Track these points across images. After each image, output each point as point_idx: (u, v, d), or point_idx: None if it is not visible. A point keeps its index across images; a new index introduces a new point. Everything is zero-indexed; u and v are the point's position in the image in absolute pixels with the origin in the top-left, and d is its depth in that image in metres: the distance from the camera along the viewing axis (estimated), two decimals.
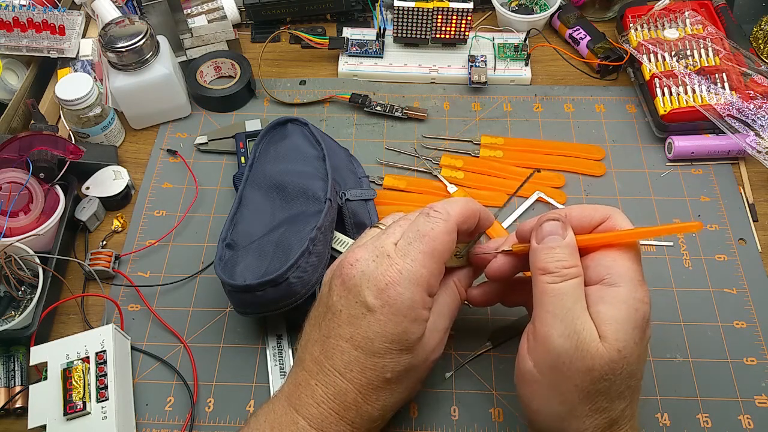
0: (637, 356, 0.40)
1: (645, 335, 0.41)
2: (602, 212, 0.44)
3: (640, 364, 0.41)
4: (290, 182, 0.59)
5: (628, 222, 0.43)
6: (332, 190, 0.57)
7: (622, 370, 0.39)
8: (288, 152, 0.62)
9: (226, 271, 0.54)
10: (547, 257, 0.42)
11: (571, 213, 0.45)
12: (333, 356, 0.43)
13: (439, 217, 0.44)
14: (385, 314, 0.41)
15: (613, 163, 0.69)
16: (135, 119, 0.73)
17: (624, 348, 0.39)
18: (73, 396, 0.49)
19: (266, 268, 0.53)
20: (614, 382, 0.39)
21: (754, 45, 0.76)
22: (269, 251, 0.54)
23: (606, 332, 0.39)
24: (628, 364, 0.39)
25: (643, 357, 0.41)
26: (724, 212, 0.65)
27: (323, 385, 0.43)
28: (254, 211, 0.59)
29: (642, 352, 0.41)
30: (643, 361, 0.41)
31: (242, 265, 0.54)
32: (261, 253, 0.55)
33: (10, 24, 0.71)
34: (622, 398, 0.40)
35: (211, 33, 0.78)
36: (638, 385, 0.42)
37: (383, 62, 0.78)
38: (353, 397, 0.43)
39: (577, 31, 0.79)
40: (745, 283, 0.60)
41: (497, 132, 0.72)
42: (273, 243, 0.54)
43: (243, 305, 0.55)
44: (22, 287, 0.58)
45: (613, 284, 0.40)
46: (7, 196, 0.59)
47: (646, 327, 0.41)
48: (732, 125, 0.65)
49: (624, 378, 0.39)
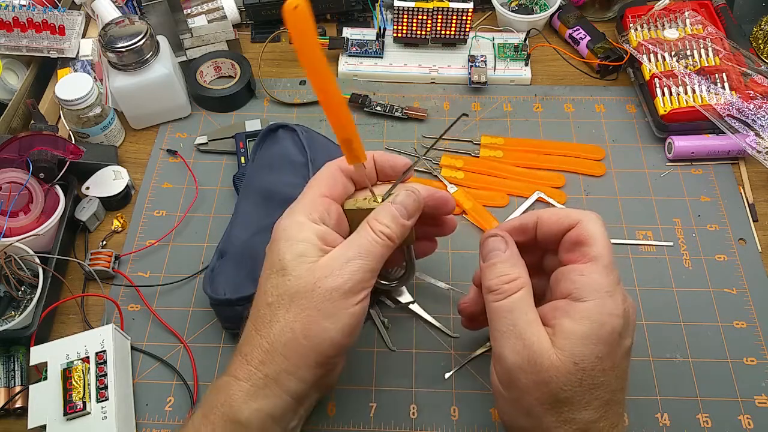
0: (604, 369, 0.39)
1: (617, 347, 0.40)
2: (574, 217, 0.44)
3: (609, 376, 0.40)
4: (277, 190, 0.59)
5: (600, 226, 0.43)
6: None
7: (581, 382, 0.39)
8: (277, 160, 0.62)
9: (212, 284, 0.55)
10: (490, 274, 0.43)
11: (542, 217, 0.45)
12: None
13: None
14: (270, 245, 0.44)
15: (613, 163, 0.69)
16: (135, 119, 0.73)
17: (582, 361, 0.39)
18: (73, 396, 0.49)
19: (243, 281, 0.54)
20: (576, 393, 0.39)
21: (754, 45, 0.76)
22: (247, 260, 0.55)
23: (564, 345, 0.39)
24: (589, 376, 0.39)
25: (616, 369, 0.40)
26: (724, 212, 0.65)
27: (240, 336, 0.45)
28: (242, 219, 0.60)
29: (613, 365, 0.40)
30: (617, 374, 0.40)
31: (223, 276, 0.55)
32: (239, 263, 0.56)
33: (10, 24, 0.71)
34: (590, 409, 0.40)
35: (211, 33, 0.78)
36: (615, 399, 0.40)
37: (383, 62, 0.78)
38: (248, 328, 0.44)
39: (577, 31, 0.79)
40: (745, 283, 0.60)
41: (497, 132, 0.72)
42: (252, 251, 0.55)
43: (225, 319, 0.56)
44: (22, 287, 0.58)
45: (579, 299, 0.40)
46: (7, 196, 0.59)
47: (619, 339, 0.40)
48: (732, 125, 0.65)
49: (587, 389, 0.39)
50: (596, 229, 0.42)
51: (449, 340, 0.57)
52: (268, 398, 0.42)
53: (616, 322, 0.39)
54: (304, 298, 0.41)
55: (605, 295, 0.40)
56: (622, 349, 0.40)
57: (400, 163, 0.48)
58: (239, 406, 0.41)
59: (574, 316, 0.40)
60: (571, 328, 0.39)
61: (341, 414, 0.54)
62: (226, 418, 0.41)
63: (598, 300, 0.40)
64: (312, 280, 0.41)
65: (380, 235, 0.42)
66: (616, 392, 0.41)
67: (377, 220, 0.43)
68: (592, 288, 0.40)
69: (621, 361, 0.40)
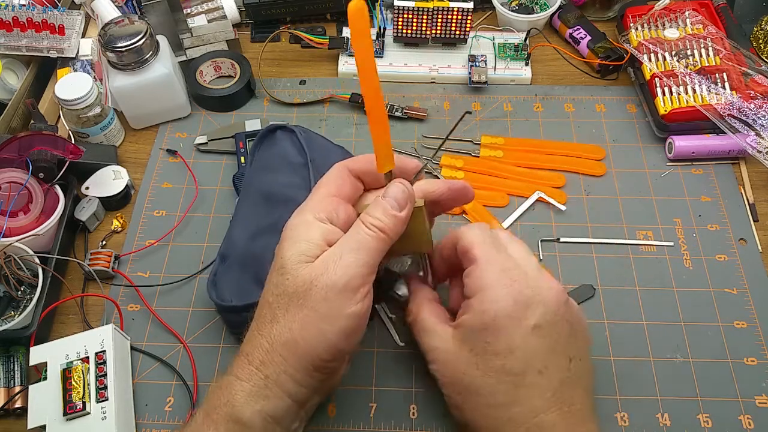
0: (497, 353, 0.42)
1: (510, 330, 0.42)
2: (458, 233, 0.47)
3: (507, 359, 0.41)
4: (276, 191, 0.59)
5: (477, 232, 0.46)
6: None
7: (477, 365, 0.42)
8: (276, 161, 0.62)
9: (216, 289, 0.55)
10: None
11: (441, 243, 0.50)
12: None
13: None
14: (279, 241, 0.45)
15: (613, 163, 0.69)
16: (135, 119, 0.73)
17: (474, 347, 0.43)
18: (72, 396, 0.49)
19: (249, 286, 0.54)
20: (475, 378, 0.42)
21: (755, 45, 0.76)
22: (251, 264, 0.55)
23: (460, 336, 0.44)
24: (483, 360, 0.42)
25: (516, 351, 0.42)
26: (724, 212, 0.65)
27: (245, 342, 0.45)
28: (242, 221, 0.59)
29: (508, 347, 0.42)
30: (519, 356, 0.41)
31: (227, 280, 0.55)
32: (243, 266, 0.55)
33: (10, 24, 0.71)
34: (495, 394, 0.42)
35: (211, 33, 0.78)
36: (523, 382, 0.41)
37: (383, 62, 0.78)
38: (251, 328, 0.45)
39: (577, 31, 0.79)
40: (745, 283, 0.60)
41: (497, 132, 0.72)
42: (255, 255, 0.55)
43: (232, 325, 0.56)
44: (22, 287, 0.58)
45: (469, 296, 0.44)
46: (7, 196, 0.59)
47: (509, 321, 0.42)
48: (732, 125, 0.65)
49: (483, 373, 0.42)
50: (472, 236, 0.46)
51: None
52: (269, 399, 0.42)
53: (497, 306, 0.42)
54: (301, 297, 0.41)
55: (485, 286, 0.43)
56: (522, 330, 0.42)
57: (410, 166, 0.48)
58: (241, 406, 0.41)
59: (466, 311, 0.44)
60: (463, 320, 0.44)
61: (341, 414, 0.54)
62: (228, 418, 0.41)
63: (479, 293, 0.43)
64: (309, 278, 0.41)
65: (372, 228, 0.43)
66: (525, 375, 0.41)
67: (368, 214, 0.43)
68: (475, 284, 0.44)
69: (524, 342, 0.42)
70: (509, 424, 0.41)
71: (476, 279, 0.44)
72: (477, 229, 0.46)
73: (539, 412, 0.41)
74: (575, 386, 0.43)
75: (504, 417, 0.41)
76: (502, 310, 0.42)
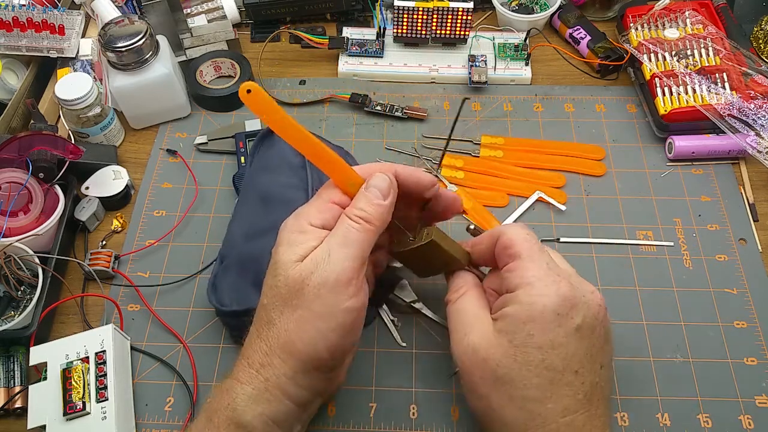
0: (540, 347, 0.41)
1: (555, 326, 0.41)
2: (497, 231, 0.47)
3: (548, 354, 0.41)
4: (274, 193, 0.59)
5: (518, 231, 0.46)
6: None
7: (515, 358, 0.41)
8: (274, 162, 0.62)
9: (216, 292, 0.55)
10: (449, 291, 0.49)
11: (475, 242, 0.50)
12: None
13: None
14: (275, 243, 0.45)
15: (613, 163, 0.69)
16: (135, 119, 0.73)
17: (515, 338, 0.42)
18: (72, 396, 0.49)
19: (247, 290, 0.53)
20: (513, 369, 0.41)
21: (755, 45, 0.76)
22: (250, 267, 0.55)
23: (501, 327, 0.43)
24: (523, 353, 0.41)
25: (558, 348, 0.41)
26: (724, 212, 0.65)
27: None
28: (241, 222, 0.59)
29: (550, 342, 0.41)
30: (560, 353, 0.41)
31: (227, 284, 0.55)
32: (242, 269, 0.55)
33: (10, 24, 0.71)
34: (531, 388, 0.41)
35: (211, 33, 0.78)
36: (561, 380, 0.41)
37: (383, 62, 0.78)
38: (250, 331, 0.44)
39: (577, 31, 0.79)
40: (745, 283, 0.60)
41: (497, 132, 0.72)
42: (252, 257, 0.55)
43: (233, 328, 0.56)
44: (22, 287, 0.58)
45: (513, 289, 0.44)
46: (7, 196, 0.59)
47: (555, 317, 0.41)
48: (732, 125, 0.65)
49: (522, 365, 0.41)
50: (515, 232, 0.46)
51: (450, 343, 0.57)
52: (270, 403, 0.42)
53: (546, 300, 0.42)
54: (294, 297, 0.41)
55: (533, 279, 0.43)
56: (565, 328, 0.41)
57: (425, 180, 0.48)
58: (243, 409, 0.41)
59: (509, 303, 0.43)
60: (505, 312, 0.43)
61: (341, 414, 0.54)
62: (230, 422, 0.41)
63: (527, 285, 0.43)
64: (300, 278, 0.41)
65: (356, 219, 0.43)
66: (563, 373, 0.41)
67: (352, 206, 0.44)
68: (520, 277, 0.43)
69: (566, 340, 0.41)
70: (538, 419, 0.41)
71: (522, 272, 0.43)
72: (519, 227, 0.47)
73: (569, 413, 0.41)
74: (601, 393, 0.43)
75: (535, 411, 0.41)
76: (551, 305, 0.41)
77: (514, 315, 0.42)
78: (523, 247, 0.45)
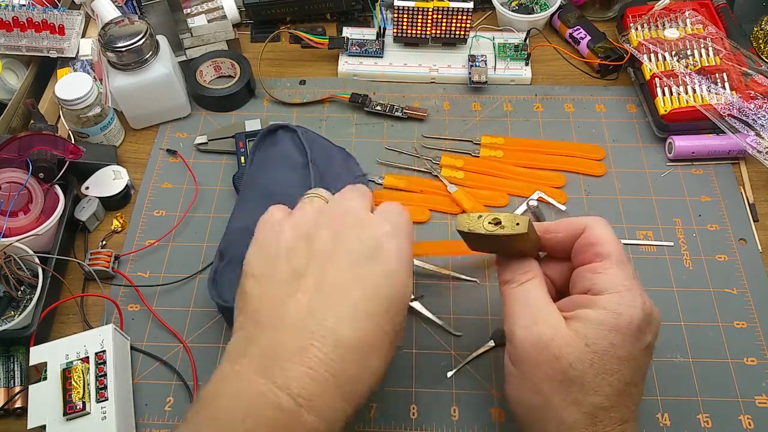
0: (619, 357, 0.40)
1: (634, 339, 0.40)
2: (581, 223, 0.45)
3: (623, 366, 0.40)
4: (276, 190, 0.59)
5: (608, 228, 0.44)
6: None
7: (592, 364, 0.40)
8: (277, 160, 0.62)
9: (217, 288, 0.55)
10: (506, 268, 0.46)
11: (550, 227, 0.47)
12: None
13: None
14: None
15: (613, 163, 0.69)
16: (135, 119, 0.73)
17: (594, 344, 0.40)
18: (72, 396, 0.49)
19: None
20: (587, 374, 0.40)
21: (755, 45, 0.76)
22: None
23: (578, 328, 0.41)
24: (601, 360, 0.40)
25: (632, 362, 0.41)
26: (724, 212, 0.65)
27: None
28: (242, 219, 0.59)
29: (629, 355, 0.40)
30: (633, 366, 0.41)
31: (228, 280, 0.55)
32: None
33: (10, 24, 0.71)
34: (601, 395, 0.40)
35: (211, 33, 0.78)
36: (628, 391, 0.41)
37: (383, 62, 0.78)
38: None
39: (577, 31, 0.79)
40: (745, 283, 0.60)
41: (497, 132, 0.72)
42: None
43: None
44: (22, 287, 0.58)
45: (598, 293, 0.42)
46: (7, 196, 0.59)
47: (637, 332, 0.41)
48: (732, 125, 0.65)
49: (597, 373, 0.40)
50: (604, 231, 0.44)
51: (450, 340, 0.57)
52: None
53: (634, 312, 0.40)
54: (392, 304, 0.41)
55: (622, 288, 0.41)
56: (641, 343, 0.41)
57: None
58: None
59: (592, 306, 0.41)
60: (587, 314, 0.41)
61: None
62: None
63: (615, 292, 0.41)
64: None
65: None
66: (631, 386, 0.41)
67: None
68: (609, 282, 0.42)
69: (639, 355, 0.41)
70: (600, 425, 0.40)
71: (611, 277, 0.42)
72: (606, 225, 0.45)
73: (625, 421, 0.41)
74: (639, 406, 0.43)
75: (599, 418, 0.40)
76: (637, 319, 0.40)
77: (598, 320, 0.40)
78: (613, 249, 0.43)
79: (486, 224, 0.44)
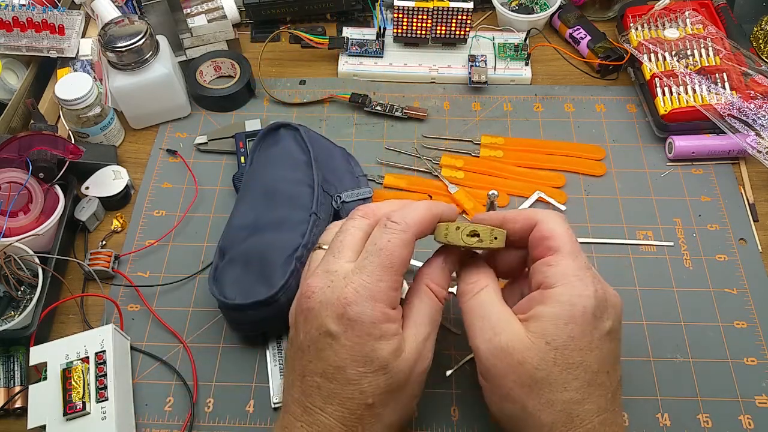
0: (580, 349, 0.40)
1: (592, 328, 0.41)
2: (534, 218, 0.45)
3: (586, 356, 0.41)
4: (279, 188, 0.59)
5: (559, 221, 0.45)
6: (318, 203, 0.57)
7: (556, 361, 0.40)
8: (279, 158, 0.62)
9: (218, 285, 0.55)
10: (460, 282, 0.47)
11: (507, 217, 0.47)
12: (311, 394, 0.42)
13: (396, 228, 0.43)
14: (349, 338, 0.41)
15: (613, 163, 0.69)
16: (135, 119, 0.73)
17: (554, 340, 0.40)
18: (72, 396, 0.49)
19: (253, 284, 0.53)
20: (552, 372, 0.40)
21: (755, 45, 0.76)
22: (255, 261, 0.55)
23: (536, 328, 0.41)
24: (563, 356, 0.40)
25: (595, 350, 0.41)
26: (724, 212, 0.65)
27: (308, 425, 0.42)
28: (243, 216, 0.59)
29: (589, 345, 0.41)
30: (597, 355, 0.41)
31: (231, 278, 0.55)
32: (246, 263, 0.55)
33: (10, 24, 0.71)
34: (570, 390, 0.40)
35: (211, 33, 0.78)
36: (596, 381, 0.41)
37: (383, 62, 0.78)
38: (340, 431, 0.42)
39: (577, 31, 0.79)
40: (745, 283, 0.60)
41: (497, 132, 0.72)
42: (258, 251, 0.55)
43: (236, 323, 0.56)
44: (22, 287, 0.58)
45: (549, 286, 0.42)
46: (7, 196, 0.59)
47: (593, 319, 0.41)
48: (732, 125, 0.65)
49: (563, 369, 0.40)
50: (556, 224, 0.44)
51: (449, 340, 0.57)
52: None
53: (586, 302, 0.41)
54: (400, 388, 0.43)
55: (573, 278, 0.42)
56: (600, 331, 0.41)
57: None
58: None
59: (545, 301, 0.42)
60: (542, 311, 0.42)
61: None
62: None
63: (565, 284, 0.42)
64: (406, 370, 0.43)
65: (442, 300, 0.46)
66: (600, 374, 0.41)
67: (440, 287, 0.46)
68: (560, 274, 0.42)
69: (601, 342, 0.41)
70: (577, 420, 0.40)
71: (562, 269, 0.42)
72: (559, 218, 0.45)
73: (602, 411, 0.41)
74: (619, 392, 0.43)
75: (574, 413, 0.41)
76: (591, 306, 0.41)
77: (553, 315, 0.41)
78: (565, 242, 0.43)
79: (464, 237, 0.45)
